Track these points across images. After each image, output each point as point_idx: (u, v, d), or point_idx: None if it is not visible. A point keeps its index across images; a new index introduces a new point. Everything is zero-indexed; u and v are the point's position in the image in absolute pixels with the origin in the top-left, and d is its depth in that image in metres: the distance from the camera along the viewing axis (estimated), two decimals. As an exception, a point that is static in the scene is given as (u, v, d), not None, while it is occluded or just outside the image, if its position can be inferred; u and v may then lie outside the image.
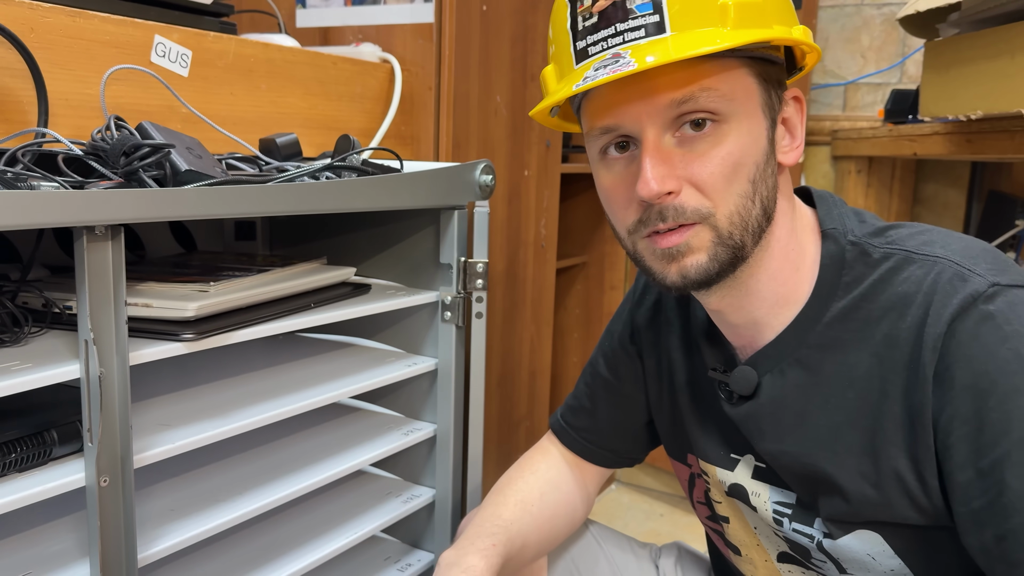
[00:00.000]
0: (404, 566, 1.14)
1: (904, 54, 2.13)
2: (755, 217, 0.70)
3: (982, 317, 0.65)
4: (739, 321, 0.78)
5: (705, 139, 0.68)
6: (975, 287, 0.66)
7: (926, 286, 0.69)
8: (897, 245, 0.73)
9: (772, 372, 0.77)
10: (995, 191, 2.02)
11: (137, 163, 0.74)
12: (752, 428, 0.79)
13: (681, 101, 0.67)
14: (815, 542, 0.78)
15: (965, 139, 1.57)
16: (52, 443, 0.72)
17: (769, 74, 0.71)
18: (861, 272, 0.73)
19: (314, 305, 0.97)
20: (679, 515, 2.16)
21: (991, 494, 0.65)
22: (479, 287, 1.11)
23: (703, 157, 0.68)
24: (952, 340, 0.66)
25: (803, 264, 0.76)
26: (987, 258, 0.70)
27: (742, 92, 0.69)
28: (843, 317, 0.73)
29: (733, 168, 0.68)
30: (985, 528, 0.65)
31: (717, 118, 0.68)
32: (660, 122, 0.68)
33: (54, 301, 0.80)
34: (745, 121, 0.69)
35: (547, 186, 1.68)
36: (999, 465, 0.64)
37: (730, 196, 0.69)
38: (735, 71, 0.68)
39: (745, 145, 0.69)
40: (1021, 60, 1.29)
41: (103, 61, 0.92)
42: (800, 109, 0.75)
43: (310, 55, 1.19)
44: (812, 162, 2.22)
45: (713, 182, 0.68)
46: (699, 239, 0.70)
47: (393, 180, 0.98)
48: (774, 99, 0.71)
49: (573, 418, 1.01)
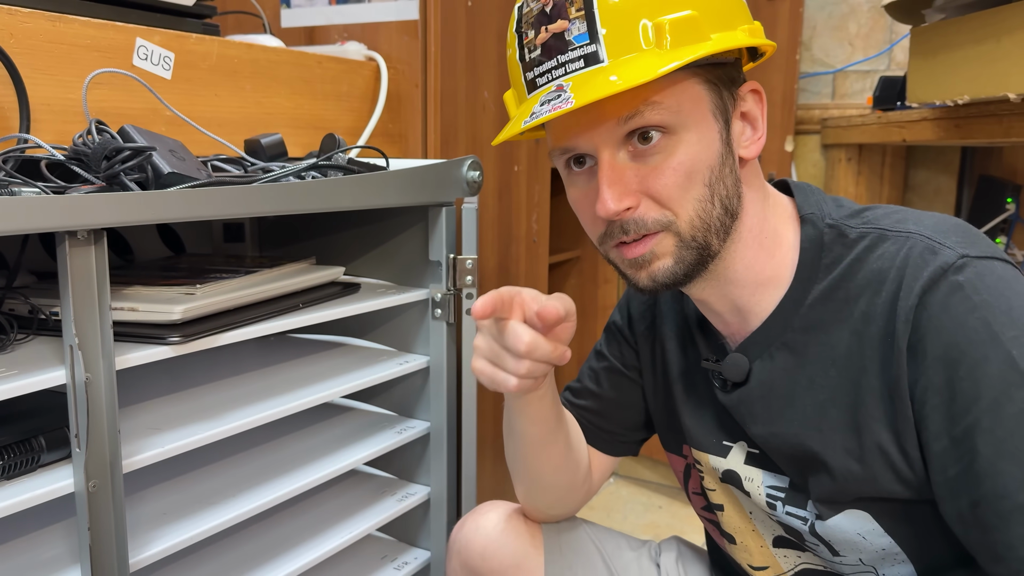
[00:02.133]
0: (400, 564, 1.14)
1: (891, 41, 2.13)
2: (716, 217, 0.72)
3: (952, 288, 0.67)
4: (723, 308, 0.80)
5: (656, 152, 0.70)
6: (945, 259, 0.68)
7: (899, 261, 0.71)
8: (872, 224, 0.75)
9: (761, 357, 0.79)
10: (985, 175, 2.02)
11: (119, 167, 0.73)
12: (744, 413, 0.80)
13: (628, 117, 0.69)
14: (808, 524, 0.79)
15: (953, 124, 1.57)
16: (40, 449, 0.72)
17: (719, 77, 0.72)
18: (839, 253, 0.75)
19: (303, 305, 0.97)
20: (678, 507, 2.16)
21: (964, 461, 0.66)
22: (469, 283, 1.10)
23: (656, 170, 0.70)
24: (924, 312, 0.67)
25: (778, 250, 0.77)
26: (958, 232, 0.71)
27: (689, 102, 0.70)
28: (824, 298, 0.75)
29: (686, 176, 0.70)
30: (960, 496, 0.67)
31: (665, 130, 0.70)
32: (611, 142, 0.70)
33: (40, 307, 0.80)
34: (695, 129, 0.70)
35: (538, 181, 1.67)
36: (970, 432, 0.65)
37: (688, 203, 0.71)
38: (681, 83, 0.70)
39: (697, 152, 0.70)
40: (1006, 44, 1.29)
41: (84, 65, 0.92)
42: (760, 100, 0.76)
43: (295, 55, 1.18)
44: (802, 151, 2.22)
45: (668, 193, 0.70)
46: (662, 246, 0.72)
47: (379, 178, 0.97)
48: (727, 99, 0.73)
49: (575, 398, 1.01)
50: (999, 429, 0.64)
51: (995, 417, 0.65)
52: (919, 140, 1.73)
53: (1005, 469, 0.64)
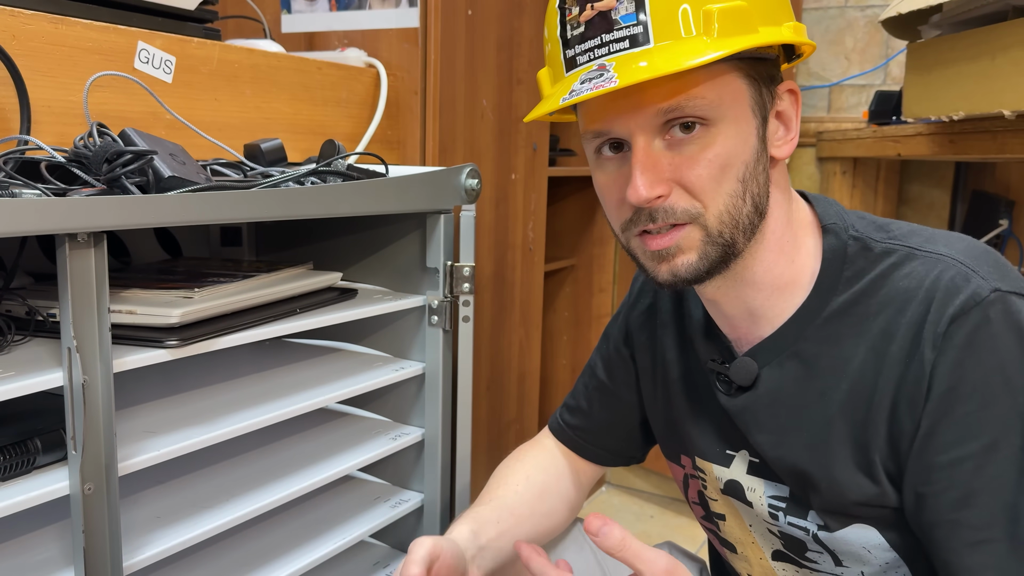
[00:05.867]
0: (393, 571, 1.14)
1: (887, 56, 2.14)
2: (746, 215, 0.71)
3: (981, 322, 0.67)
4: (734, 311, 0.79)
5: (694, 142, 0.69)
6: (977, 289, 0.68)
7: (928, 283, 0.70)
8: (900, 241, 0.74)
9: (771, 364, 0.78)
10: (979, 191, 2.04)
11: (119, 170, 0.74)
12: (748, 419, 0.80)
13: (668, 110, 0.68)
14: (810, 534, 0.79)
15: (948, 139, 1.59)
16: (36, 451, 0.72)
17: (760, 73, 0.71)
18: (862, 267, 0.74)
19: (300, 310, 0.97)
20: (669, 516, 2.16)
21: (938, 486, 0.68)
22: (466, 291, 1.11)
23: (691, 160, 0.69)
24: (949, 341, 0.68)
25: (798, 256, 0.77)
26: (989, 260, 0.71)
27: (730, 96, 0.69)
28: (842, 312, 0.74)
29: (721, 169, 0.69)
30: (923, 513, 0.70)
31: (705, 122, 0.69)
32: (649, 129, 0.69)
33: (37, 309, 0.80)
34: (733, 123, 0.69)
35: (534, 189, 1.68)
36: (958, 463, 0.67)
37: (719, 196, 0.70)
38: (723, 76, 0.69)
39: (733, 146, 0.69)
40: (1001, 61, 1.30)
41: (86, 68, 0.92)
42: (795, 101, 0.76)
43: (295, 60, 1.19)
44: (797, 164, 2.23)
45: (702, 184, 0.69)
46: (689, 240, 0.71)
47: (379, 184, 0.98)
48: (766, 96, 0.72)
49: (570, 416, 1.02)
50: (990, 468, 0.66)
51: (989, 456, 0.66)
52: (914, 155, 1.74)
53: (984, 503, 0.66)
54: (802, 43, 0.73)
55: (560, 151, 2.06)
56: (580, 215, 2.31)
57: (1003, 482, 0.66)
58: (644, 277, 0.97)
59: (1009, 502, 0.66)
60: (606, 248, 2.30)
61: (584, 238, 2.32)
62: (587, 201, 2.28)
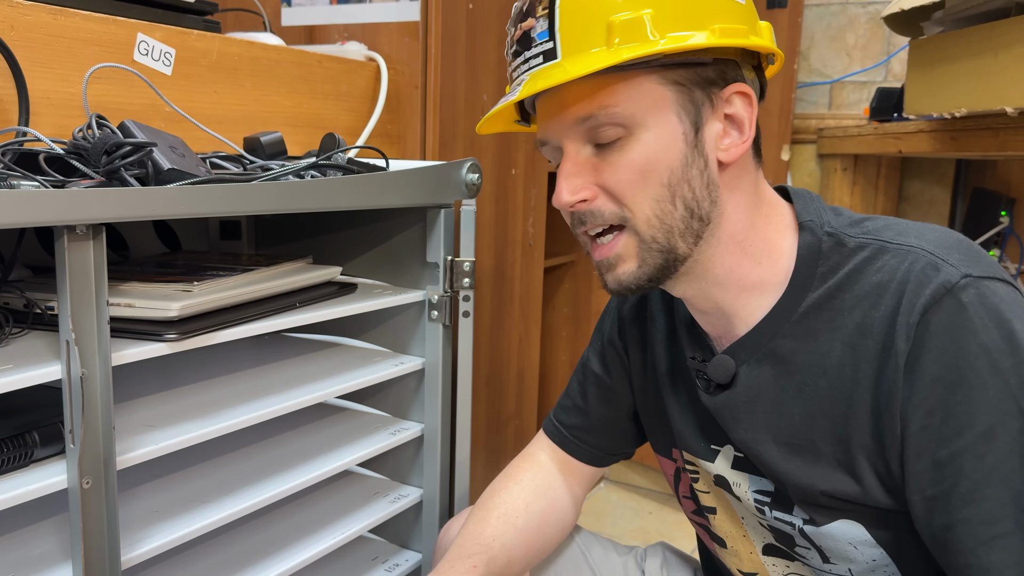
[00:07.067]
0: (392, 566, 1.14)
1: (889, 52, 2.14)
2: (679, 219, 0.72)
3: (955, 308, 0.66)
4: (708, 309, 0.80)
5: (615, 149, 0.72)
6: (947, 277, 0.67)
7: (899, 275, 0.70)
8: (872, 235, 0.74)
9: (748, 362, 0.78)
10: (979, 188, 2.03)
11: (119, 162, 0.73)
12: (727, 417, 0.80)
13: (584, 118, 0.71)
14: (796, 529, 0.79)
15: (950, 136, 1.58)
16: (34, 444, 0.71)
17: (688, 77, 0.71)
18: (836, 262, 0.74)
19: (299, 305, 0.97)
20: (668, 512, 2.16)
21: (946, 484, 0.66)
22: (466, 286, 1.10)
23: (612, 166, 0.72)
24: (925, 331, 0.67)
25: (767, 257, 0.77)
26: (960, 249, 0.71)
27: (649, 102, 0.70)
28: (818, 307, 0.74)
29: (640, 175, 0.71)
30: (935, 516, 0.68)
31: (622, 131, 0.71)
32: (575, 135, 0.73)
33: (35, 301, 0.80)
34: (654, 129, 0.71)
35: (535, 184, 1.68)
36: (957, 457, 0.66)
37: (644, 201, 0.72)
38: (640, 82, 0.70)
39: (654, 152, 0.71)
40: (1004, 58, 1.30)
41: (85, 59, 0.91)
42: (749, 103, 0.74)
43: (295, 53, 1.18)
44: (798, 160, 2.22)
45: (622, 189, 0.72)
46: (626, 248, 0.74)
47: (379, 179, 0.97)
48: (699, 100, 0.71)
49: (565, 416, 1.01)
50: (990, 456, 0.65)
51: (987, 444, 0.65)
52: (915, 152, 1.74)
53: (991, 495, 0.65)
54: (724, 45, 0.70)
55: (560, 147, 2.05)
56: (580, 211, 2.30)
57: (1007, 470, 0.64)
58: None
59: (1017, 490, 0.64)
60: (606, 244, 2.29)
61: (584, 234, 2.32)
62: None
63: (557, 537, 0.99)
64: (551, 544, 0.98)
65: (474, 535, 0.90)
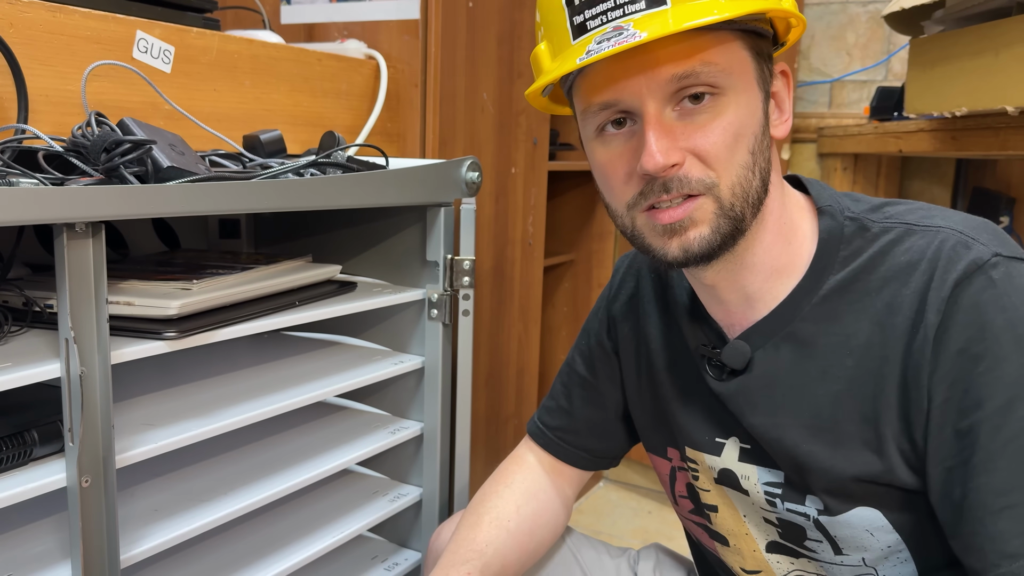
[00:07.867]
0: (391, 565, 1.14)
1: (889, 51, 2.14)
2: (755, 189, 0.71)
3: (985, 284, 0.67)
4: (732, 296, 0.79)
5: (705, 111, 0.68)
6: (979, 254, 0.68)
7: (930, 252, 0.71)
8: (896, 219, 0.75)
9: (764, 347, 0.78)
10: (979, 187, 2.03)
11: (118, 159, 0.73)
12: (742, 403, 0.79)
13: (682, 76, 0.67)
14: (810, 519, 0.79)
15: (950, 136, 1.58)
16: (33, 443, 0.71)
17: (760, 47, 0.71)
18: (859, 246, 0.75)
19: (299, 303, 0.96)
20: (667, 511, 2.16)
21: (964, 454, 0.67)
22: (466, 284, 1.10)
23: (704, 128, 0.68)
24: (954, 304, 0.68)
25: (794, 238, 0.77)
26: (988, 230, 0.72)
27: (738, 65, 0.69)
28: (840, 289, 0.75)
29: (734, 138, 0.69)
30: (954, 487, 0.68)
31: (716, 91, 0.68)
32: (661, 96, 0.68)
33: (35, 300, 0.79)
34: (743, 94, 0.69)
35: (534, 183, 1.67)
36: (976, 428, 0.66)
37: (733, 166, 0.69)
38: (731, 44, 0.69)
39: (744, 117, 0.69)
40: (1005, 57, 1.30)
41: (84, 57, 0.91)
42: (787, 83, 0.76)
43: (295, 51, 1.18)
44: (798, 159, 2.22)
45: (716, 152, 0.69)
46: (702, 212, 0.70)
47: (379, 177, 0.97)
48: (766, 72, 0.72)
49: (549, 418, 1.00)
50: (1006, 428, 0.66)
51: (1005, 416, 0.66)
52: (915, 151, 1.74)
53: (1004, 467, 0.66)
54: (798, 17, 0.72)
55: (560, 145, 2.05)
56: (580, 210, 2.30)
57: (1022, 443, 0.65)
58: (629, 261, 0.96)
59: None
60: (605, 243, 2.29)
61: (583, 233, 2.32)
62: (587, 196, 2.27)
63: (549, 539, 0.98)
64: (543, 546, 0.98)
65: (467, 541, 0.90)
